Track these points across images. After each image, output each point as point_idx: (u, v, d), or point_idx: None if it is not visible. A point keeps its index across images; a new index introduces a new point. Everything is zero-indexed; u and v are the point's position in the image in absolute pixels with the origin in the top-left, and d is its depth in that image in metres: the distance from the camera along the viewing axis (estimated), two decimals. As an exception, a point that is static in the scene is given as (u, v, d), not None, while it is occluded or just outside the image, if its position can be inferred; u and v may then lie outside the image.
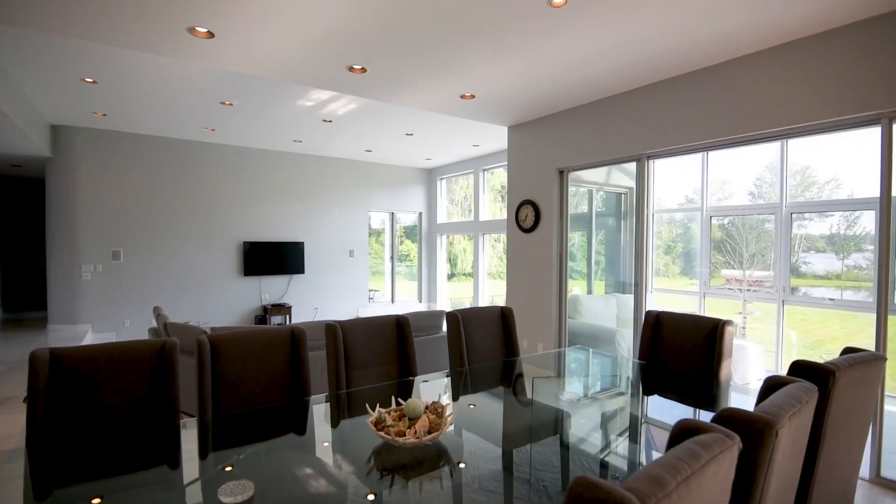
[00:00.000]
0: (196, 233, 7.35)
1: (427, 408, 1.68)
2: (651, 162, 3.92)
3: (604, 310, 5.38)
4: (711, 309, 6.60)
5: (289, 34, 2.97)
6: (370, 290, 9.57)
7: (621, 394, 2.45)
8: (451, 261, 10.80)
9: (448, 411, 1.67)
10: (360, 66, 3.47)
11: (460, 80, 3.79)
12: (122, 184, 6.73)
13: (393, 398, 1.75)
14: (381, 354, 2.50)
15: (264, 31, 2.92)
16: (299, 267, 8.27)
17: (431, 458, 1.55)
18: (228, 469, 1.43)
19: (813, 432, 1.58)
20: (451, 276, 10.73)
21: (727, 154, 5.61)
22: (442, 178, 9.79)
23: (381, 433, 1.53)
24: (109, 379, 1.78)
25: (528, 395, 2.39)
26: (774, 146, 4.62)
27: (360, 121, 6.28)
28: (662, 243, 7.35)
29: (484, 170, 8.70)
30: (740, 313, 6.03)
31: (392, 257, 10.08)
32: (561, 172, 4.70)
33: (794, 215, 4.69)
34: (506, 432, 1.90)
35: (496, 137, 6.88)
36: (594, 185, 5.49)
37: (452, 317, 2.72)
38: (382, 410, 1.68)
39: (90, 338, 6.31)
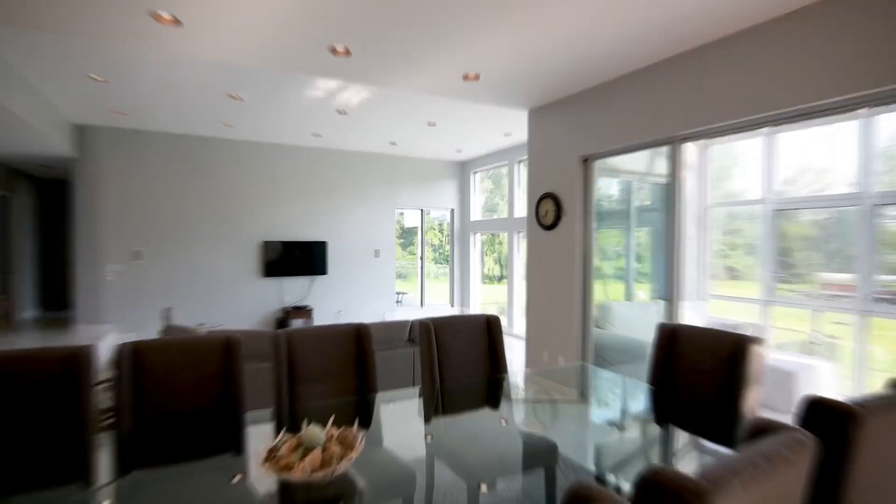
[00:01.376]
0: (216, 232, 7.61)
1: (333, 436, 1.51)
2: (685, 145, 3.50)
3: (642, 319, 4.93)
4: (784, 318, 5.93)
5: (260, 16, 2.90)
6: (398, 293, 9.52)
7: (617, 426, 2.16)
8: (501, 262, 10.56)
9: (358, 441, 1.48)
10: (342, 47, 3.35)
11: (460, 58, 3.57)
12: (144, 182, 7.10)
13: (305, 422, 1.59)
14: (335, 368, 2.35)
15: (233, 14, 2.87)
16: (322, 268, 8.36)
17: (328, 499, 1.37)
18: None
19: (824, 497, 1.24)
20: (500, 279, 10.49)
21: (821, 136, 4.94)
22: (476, 172, 9.56)
23: (267, 464, 1.37)
24: (10, 391, 1.75)
25: (502, 421, 2.15)
26: (876, 124, 3.93)
27: (376, 111, 6.20)
28: (745, 242, 6.75)
29: (519, 161, 8.38)
30: (836, 322, 5.39)
31: (422, 257, 9.98)
32: (585, 161, 4.35)
33: (876, 207, 4.05)
34: (472, 461, 1.69)
35: (526, 125, 6.57)
36: (634, 176, 5.05)
37: (423, 326, 2.52)
38: (287, 436, 1.52)
39: (112, 338, 6.69)
